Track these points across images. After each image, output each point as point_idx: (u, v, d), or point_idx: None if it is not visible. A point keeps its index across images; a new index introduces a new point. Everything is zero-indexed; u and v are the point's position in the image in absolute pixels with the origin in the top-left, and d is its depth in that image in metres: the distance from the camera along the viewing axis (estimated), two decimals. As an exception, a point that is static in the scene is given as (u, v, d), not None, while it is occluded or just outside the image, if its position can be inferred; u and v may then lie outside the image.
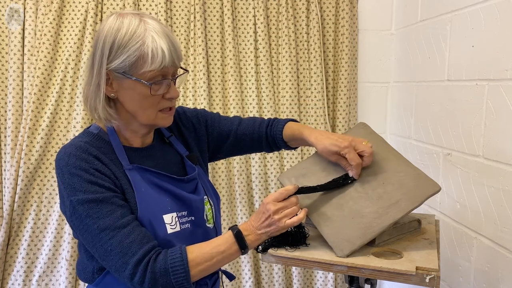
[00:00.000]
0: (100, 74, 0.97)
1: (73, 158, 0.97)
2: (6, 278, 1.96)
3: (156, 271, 0.93)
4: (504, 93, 1.32)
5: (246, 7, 2.06)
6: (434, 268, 0.95)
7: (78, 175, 0.95)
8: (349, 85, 2.10)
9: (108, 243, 0.94)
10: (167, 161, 1.13)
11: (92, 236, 0.95)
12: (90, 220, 0.94)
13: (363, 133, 1.26)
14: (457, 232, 1.57)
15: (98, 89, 0.99)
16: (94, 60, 0.99)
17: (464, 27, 1.53)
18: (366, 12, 2.14)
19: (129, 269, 0.93)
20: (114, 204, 0.96)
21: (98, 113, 1.01)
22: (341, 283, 2.15)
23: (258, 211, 1.03)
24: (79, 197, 0.94)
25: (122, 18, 0.97)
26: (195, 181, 1.16)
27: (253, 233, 1.01)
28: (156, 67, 0.96)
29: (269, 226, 1.00)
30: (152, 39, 0.95)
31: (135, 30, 0.95)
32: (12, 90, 1.93)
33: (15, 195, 1.93)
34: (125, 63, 0.95)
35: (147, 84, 0.97)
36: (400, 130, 2.08)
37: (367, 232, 1.03)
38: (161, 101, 1.02)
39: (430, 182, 1.09)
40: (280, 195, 1.02)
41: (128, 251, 0.93)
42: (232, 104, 2.05)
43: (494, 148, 1.37)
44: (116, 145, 1.04)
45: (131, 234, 0.95)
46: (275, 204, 1.00)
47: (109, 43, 0.96)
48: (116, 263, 0.94)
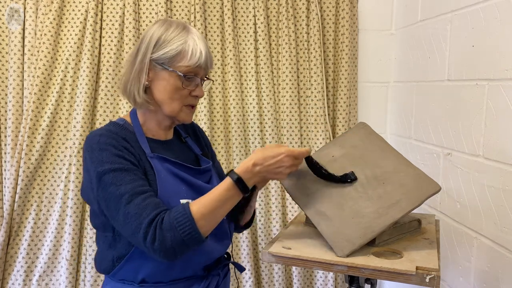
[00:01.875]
0: (143, 62, 1.10)
1: (104, 137, 1.07)
2: (6, 278, 1.97)
3: (163, 228, 0.98)
4: (504, 93, 1.32)
5: (246, 7, 2.07)
6: (434, 268, 0.95)
7: (107, 150, 1.04)
8: (349, 85, 2.10)
9: (127, 206, 1.00)
10: (184, 156, 1.22)
11: (114, 202, 1.01)
12: (114, 187, 1.01)
13: (363, 133, 1.26)
14: (457, 232, 1.57)
15: (139, 76, 1.11)
16: (139, 50, 1.11)
17: (464, 27, 1.53)
18: (366, 12, 2.14)
19: (142, 228, 0.98)
20: (136, 175, 1.04)
21: (134, 98, 1.12)
22: (341, 283, 2.15)
23: (269, 153, 1.05)
24: (105, 167, 1.02)
25: (170, 23, 1.12)
26: (210, 172, 1.24)
27: (255, 176, 1.04)
28: (192, 63, 1.08)
29: (275, 173, 1.05)
30: (194, 41, 1.09)
31: (180, 31, 1.09)
32: (12, 90, 1.93)
33: (15, 195, 1.93)
34: (166, 55, 1.08)
35: (181, 76, 1.09)
36: (400, 130, 2.08)
37: (367, 232, 1.03)
38: (187, 97, 1.13)
39: (430, 182, 1.09)
40: (299, 154, 1.07)
41: (143, 212, 0.99)
42: (232, 104, 2.05)
43: (494, 148, 1.37)
44: (140, 135, 1.13)
45: (147, 199, 1.01)
46: (291, 159, 1.05)
47: (156, 37, 1.09)
48: (132, 225, 0.99)
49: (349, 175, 1.14)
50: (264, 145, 2.10)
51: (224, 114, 2.08)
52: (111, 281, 1.14)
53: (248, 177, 1.03)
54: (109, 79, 1.97)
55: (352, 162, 1.18)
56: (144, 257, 1.08)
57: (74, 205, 1.93)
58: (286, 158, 1.04)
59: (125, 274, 1.11)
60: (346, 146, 1.23)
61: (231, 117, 2.07)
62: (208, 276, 1.16)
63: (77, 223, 1.95)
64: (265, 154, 1.04)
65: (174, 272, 1.11)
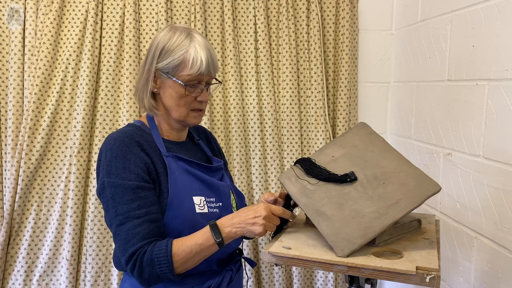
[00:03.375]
0: (150, 71, 1.17)
1: (117, 142, 1.12)
2: (6, 278, 1.97)
3: (143, 262, 1.05)
4: (504, 93, 1.32)
5: (246, 7, 2.07)
6: (434, 268, 0.95)
7: (117, 160, 1.10)
8: (349, 85, 2.10)
9: (119, 227, 1.08)
10: (197, 156, 1.29)
11: (110, 216, 1.10)
12: (112, 202, 1.09)
13: (363, 133, 1.26)
14: (457, 232, 1.57)
15: (147, 83, 1.18)
16: (147, 59, 1.19)
17: (464, 27, 1.53)
18: (366, 12, 2.14)
19: (126, 256, 1.06)
20: (136, 195, 1.09)
21: (144, 103, 1.20)
22: (341, 283, 2.15)
23: (249, 208, 1.11)
24: (110, 180, 1.09)
25: (175, 30, 1.17)
26: (222, 171, 1.31)
27: (231, 226, 1.08)
28: (193, 72, 1.14)
29: (252, 225, 1.07)
30: (195, 50, 1.13)
31: (183, 40, 1.15)
32: (13, 90, 1.93)
33: (16, 195, 1.93)
34: (170, 65, 1.14)
35: (183, 85, 1.15)
36: (400, 130, 2.08)
37: (368, 232, 1.03)
38: (193, 102, 1.19)
39: (430, 182, 1.09)
40: (278, 212, 1.11)
41: (130, 240, 1.06)
42: (232, 104, 2.05)
43: (494, 148, 1.37)
44: (156, 136, 1.20)
45: (139, 227, 1.07)
46: (267, 211, 1.08)
47: (160, 47, 1.15)
48: (120, 247, 1.08)
49: (349, 175, 1.14)
50: (264, 145, 2.10)
51: (224, 114, 2.08)
52: (130, 277, 1.19)
53: (224, 225, 1.07)
54: (109, 79, 1.97)
55: (352, 162, 1.18)
56: None
57: (75, 205, 1.94)
58: (263, 209, 1.08)
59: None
60: (346, 146, 1.23)
61: (231, 117, 2.07)
62: (222, 271, 1.21)
63: (77, 223, 1.95)
64: (247, 209, 1.10)
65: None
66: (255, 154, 2.08)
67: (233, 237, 1.08)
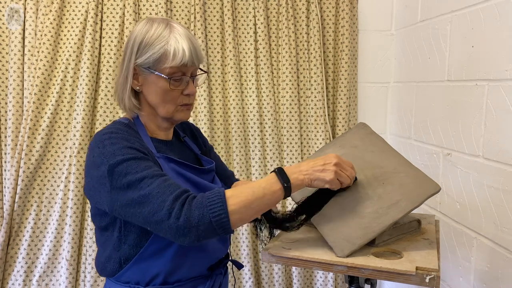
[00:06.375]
0: (129, 68, 1.09)
1: (114, 133, 1.05)
2: (6, 278, 1.97)
3: (192, 204, 0.92)
4: (504, 93, 1.32)
5: (246, 7, 2.07)
6: (434, 268, 0.95)
7: (119, 143, 1.01)
8: (349, 85, 2.10)
9: (147, 189, 0.94)
10: (185, 155, 1.22)
11: (132, 191, 0.96)
12: (130, 175, 0.96)
13: (363, 133, 1.26)
14: (457, 232, 1.58)
15: (126, 81, 1.10)
16: (125, 56, 1.11)
17: (464, 27, 1.53)
18: (366, 12, 2.14)
19: (167, 205, 0.92)
20: (151, 162, 1.02)
21: (124, 103, 1.12)
22: (341, 283, 2.15)
23: (315, 159, 1.01)
24: (118, 159, 0.98)
25: (152, 22, 1.09)
26: (213, 173, 1.25)
27: (298, 173, 0.98)
28: (176, 63, 1.05)
29: (322, 171, 0.98)
30: (175, 40, 1.06)
31: (162, 32, 1.07)
32: (13, 90, 1.93)
33: (16, 195, 1.93)
34: (150, 59, 1.06)
35: (167, 78, 1.07)
36: (400, 130, 2.08)
37: (367, 232, 1.03)
38: (180, 97, 1.11)
39: (430, 182, 1.09)
40: (349, 163, 1.03)
41: (167, 190, 0.94)
42: (232, 104, 2.05)
43: (494, 148, 1.37)
44: (145, 135, 1.12)
45: (169, 180, 0.97)
46: (339, 159, 1.01)
47: (138, 41, 1.07)
48: (154, 204, 0.93)
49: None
50: (264, 145, 2.10)
51: (224, 114, 2.08)
52: (114, 284, 1.11)
53: (291, 171, 0.98)
54: (109, 79, 1.97)
55: (352, 162, 1.18)
56: (153, 259, 1.07)
57: (74, 205, 1.94)
58: (333, 156, 1.00)
59: (132, 276, 1.09)
60: (346, 146, 1.23)
61: (231, 117, 2.07)
62: (212, 276, 1.17)
63: (77, 223, 1.95)
64: (313, 160, 1.01)
65: (180, 273, 1.10)
66: (255, 154, 2.08)
67: (299, 186, 0.98)
